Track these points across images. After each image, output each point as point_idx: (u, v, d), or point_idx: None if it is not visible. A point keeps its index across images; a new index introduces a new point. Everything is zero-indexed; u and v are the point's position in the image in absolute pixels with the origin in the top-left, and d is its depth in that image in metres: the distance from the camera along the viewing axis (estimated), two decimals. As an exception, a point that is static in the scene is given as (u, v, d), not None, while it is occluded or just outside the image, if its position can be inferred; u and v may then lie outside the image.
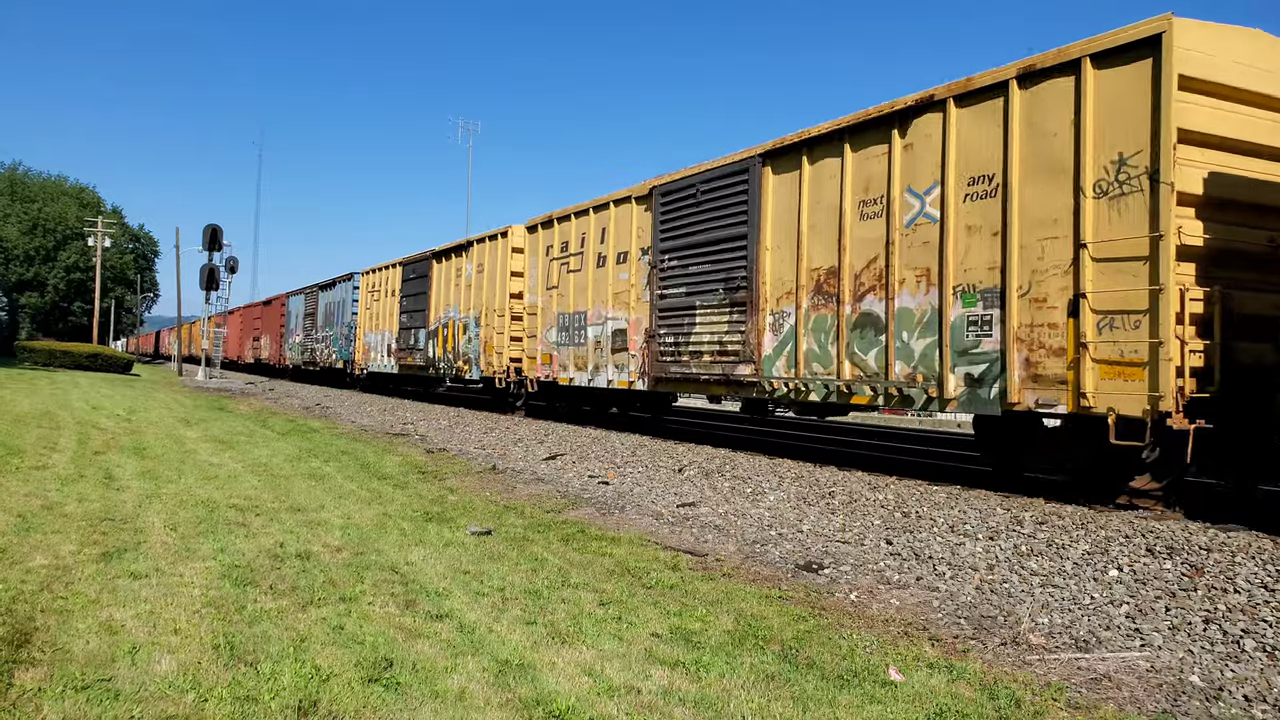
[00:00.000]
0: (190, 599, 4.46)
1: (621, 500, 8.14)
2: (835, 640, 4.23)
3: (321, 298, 31.09)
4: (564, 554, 5.89)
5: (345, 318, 27.61)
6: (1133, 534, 5.96)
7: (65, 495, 7.21)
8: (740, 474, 9.18)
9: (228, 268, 39.95)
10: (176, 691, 3.30)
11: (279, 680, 3.43)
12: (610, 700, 3.40)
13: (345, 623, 4.18)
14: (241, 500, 7.35)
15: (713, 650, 4.01)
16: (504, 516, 7.19)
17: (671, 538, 6.60)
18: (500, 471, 9.89)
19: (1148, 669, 3.94)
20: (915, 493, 7.85)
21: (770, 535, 6.67)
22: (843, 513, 7.27)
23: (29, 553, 5.25)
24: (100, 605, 4.30)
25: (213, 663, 3.60)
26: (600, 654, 3.91)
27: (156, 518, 6.48)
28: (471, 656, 3.81)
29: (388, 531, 6.38)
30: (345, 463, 10.21)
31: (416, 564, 5.42)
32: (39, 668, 3.48)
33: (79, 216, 60.22)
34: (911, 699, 3.51)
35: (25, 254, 60.80)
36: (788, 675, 3.73)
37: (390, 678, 3.52)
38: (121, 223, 67.95)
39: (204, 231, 36.01)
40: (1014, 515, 6.71)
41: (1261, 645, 4.09)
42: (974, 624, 4.60)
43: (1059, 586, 5.12)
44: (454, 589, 4.89)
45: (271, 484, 8.35)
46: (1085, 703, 3.55)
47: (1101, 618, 4.60)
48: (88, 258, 59.15)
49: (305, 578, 4.96)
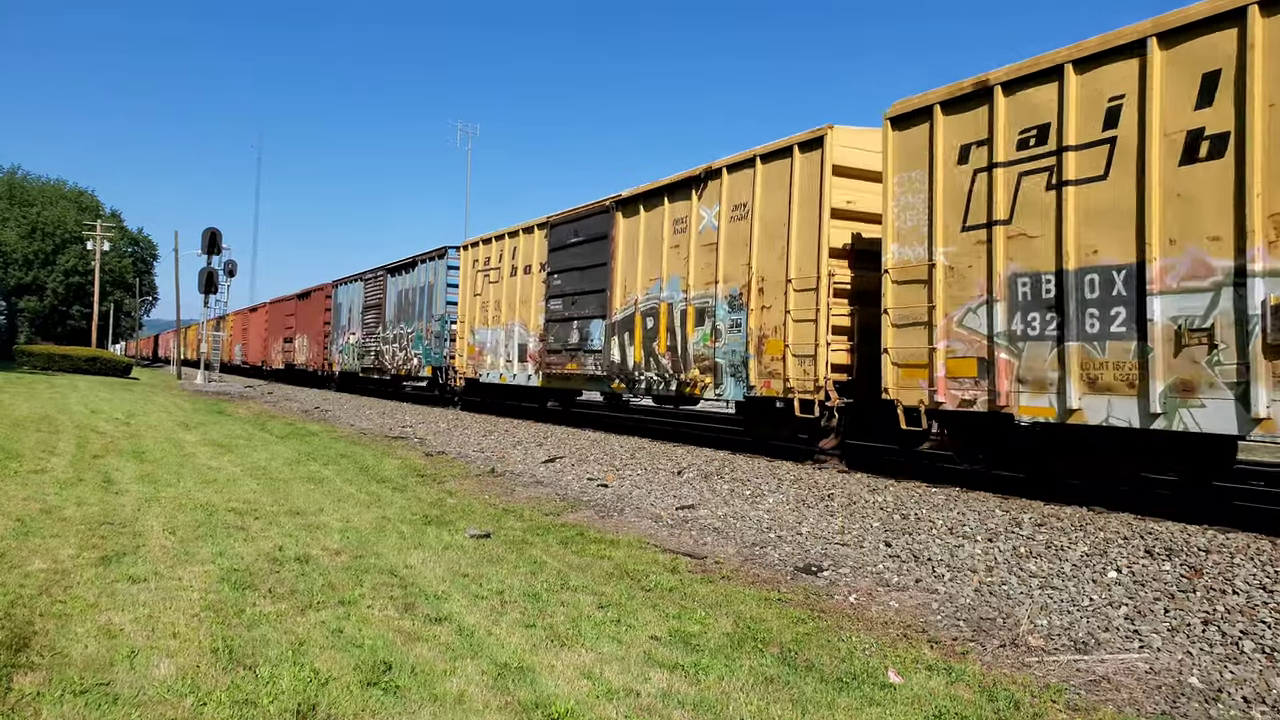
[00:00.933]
0: (189, 603, 4.45)
1: (621, 503, 8.14)
2: (834, 642, 4.23)
3: (393, 284, 24.08)
4: (563, 557, 5.89)
5: (435, 308, 20.86)
6: (1131, 535, 5.97)
7: (64, 499, 7.20)
8: (739, 476, 9.18)
9: (226, 271, 39.98)
10: (175, 695, 3.30)
11: (278, 684, 3.43)
12: (609, 703, 3.40)
13: (344, 626, 4.18)
14: (240, 504, 7.35)
15: (712, 653, 4.01)
16: (503, 519, 7.19)
17: (671, 540, 6.60)
18: (499, 474, 9.89)
19: (1146, 670, 3.94)
20: (914, 494, 7.85)
21: (769, 537, 6.67)
22: (842, 515, 7.27)
23: (27, 557, 5.24)
24: (99, 609, 4.29)
25: (211, 666, 3.59)
26: (599, 657, 3.91)
27: (155, 521, 6.47)
28: (470, 659, 3.81)
29: (387, 534, 6.38)
30: (344, 466, 10.21)
31: (415, 567, 5.42)
32: (37, 672, 3.48)
33: (78, 220, 60.19)
34: (910, 701, 3.51)
35: (24, 258, 60.76)
36: (787, 678, 3.73)
37: (389, 681, 3.52)
38: (120, 226, 67.94)
39: (203, 235, 36.01)
40: (1013, 517, 6.71)
41: (1260, 646, 4.09)
42: (973, 626, 4.60)
43: (1058, 588, 5.12)
44: (453, 592, 4.89)
45: (270, 487, 8.34)
46: (1084, 704, 3.55)
47: (1100, 619, 4.60)
48: (86, 261, 59.13)
49: (304, 581, 4.95)
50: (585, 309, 14.35)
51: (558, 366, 15.04)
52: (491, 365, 17.71)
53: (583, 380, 14.51)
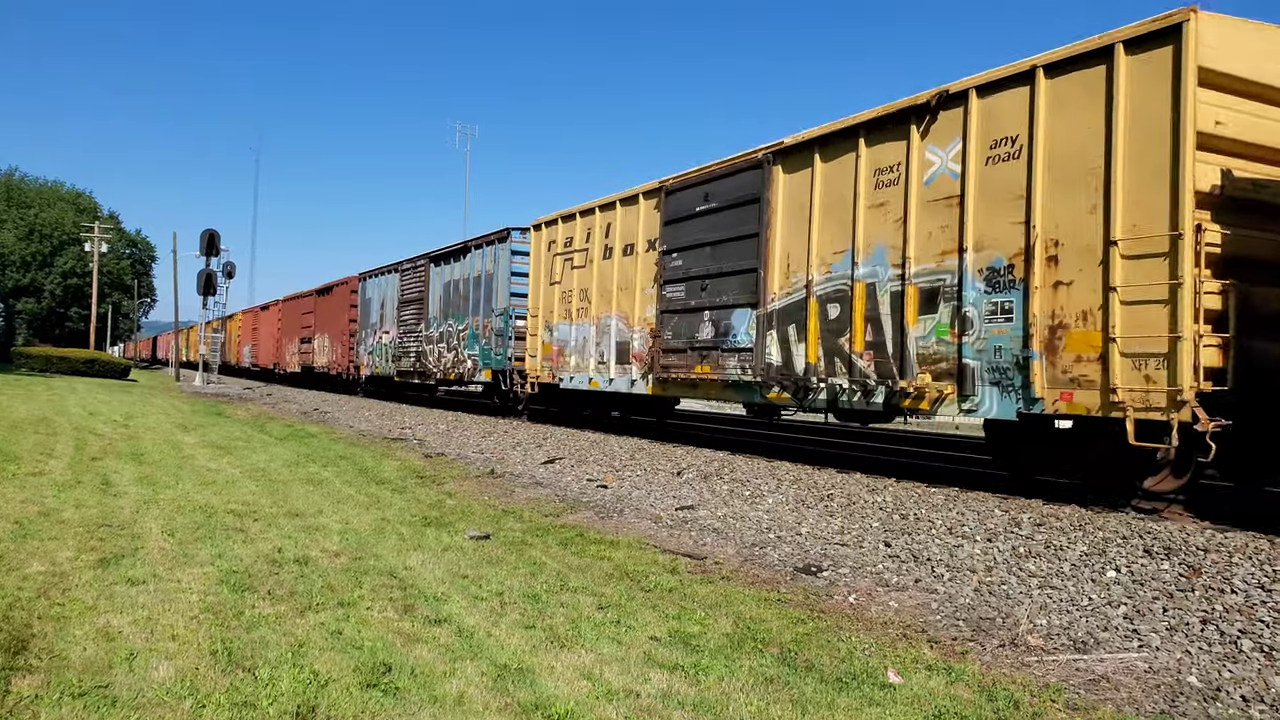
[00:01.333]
0: (188, 605, 4.45)
1: (620, 504, 8.14)
2: (834, 643, 4.23)
3: (438, 274, 20.99)
4: (562, 558, 5.89)
5: (495, 301, 17.70)
6: (1130, 535, 5.97)
7: (62, 501, 7.19)
8: (739, 477, 9.18)
9: (225, 273, 39.99)
10: (174, 698, 3.29)
11: (277, 686, 3.42)
12: (609, 704, 3.39)
13: (343, 628, 4.18)
14: (239, 505, 7.34)
15: (711, 653, 4.01)
16: (502, 520, 7.19)
17: (670, 541, 6.60)
18: (498, 476, 9.89)
19: (1145, 670, 3.95)
20: (913, 495, 7.86)
21: (769, 538, 6.67)
22: (841, 515, 7.28)
23: (26, 559, 5.23)
24: (97, 611, 4.29)
25: (210, 669, 3.59)
26: (599, 657, 3.91)
27: (154, 523, 6.47)
28: (470, 661, 3.81)
29: (386, 536, 6.37)
30: (343, 467, 10.20)
31: (415, 568, 5.42)
32: (36, 674, 3.47)
33: (76, 222, 60.14)
34: (910, 701, 3.51)
35: (22, 260, 60.70)
36: (786, 678, 3.73)
37: (389, 682, 3.51)
38: (118, 228, 67.92)
39: (201, 237, 35.98)
40: (1012, 517, 6.71)
41: (1259, 645, 4.09)
42: (972, 626, 4.60)
43: (1057, 588, 5.12)
44: (452, 593, 4.88)
45: (269, 489, 8.33)
46: (1083, 704, 3.55)
47: (1099, 619, 4.60)
48: (84, 263, 59.08)
49: (303, 583, 4.95)
50: (722, 295, 11.08)
51: (679, 370, 11.76)
52: (577, 367, 14.36)
53: (719, 388, 11.27)
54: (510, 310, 17.02)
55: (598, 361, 13.81)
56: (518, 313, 16.81)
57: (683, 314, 11.77)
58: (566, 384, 14.69)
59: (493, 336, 17.75)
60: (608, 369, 13.52)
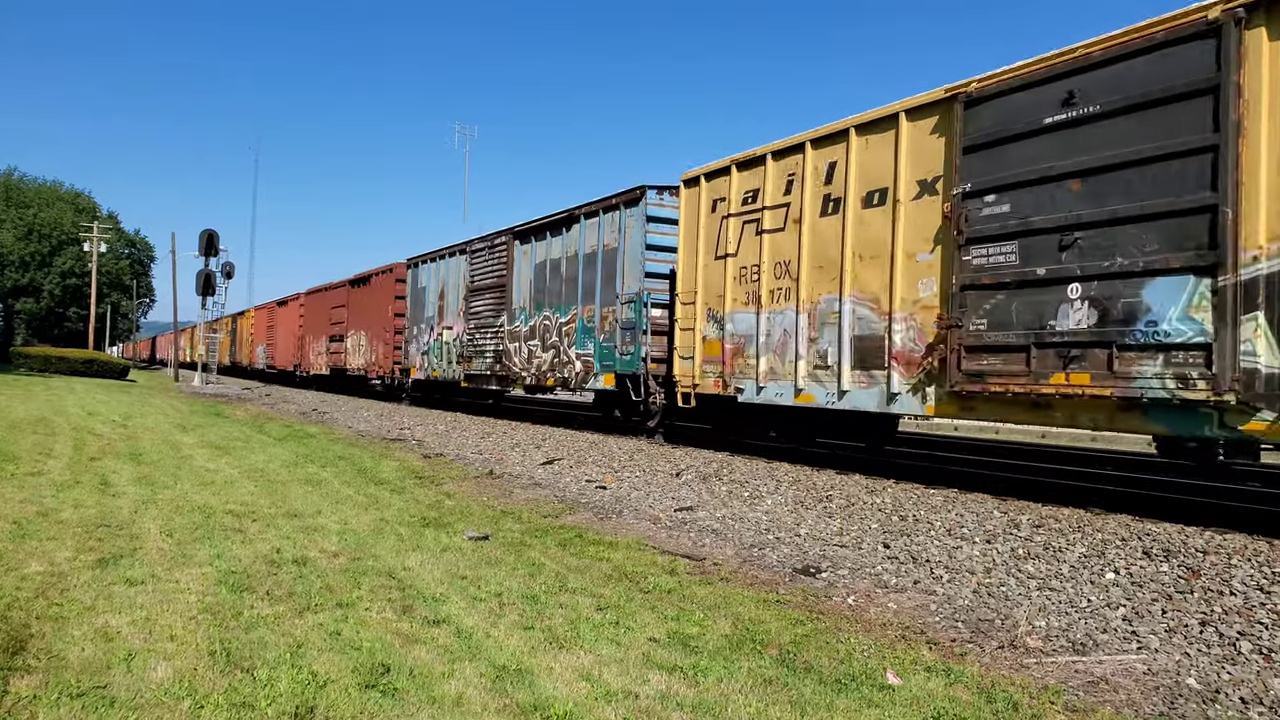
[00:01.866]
0: (186, 605, 4.44)
1: (619, 505, 8.14)
2: (833, 644, 4.23)
3: (524, 253, 16.82)
4: (561, 559, 5.88)
5: (622, 285, 13.50)
6: (1129, 537, 5.97)
7: (61, 501, 7.19)
8: (738, 478, 9.17)
9: (224, 273, 39.99)
10: (172, 698, 3.29)
11: (275, 686, 3.42)
12: (608, 705, 3.39)
13: (342, 628, 4.17)
14: (238, 506, 7.34)
15: (710, 654, 4.01)
16: (501, 521, 7.18)
17: (669, 542, 6.59)
18: (497, 477, 9.88)
19: (1144, 671, 3.95)
20: (912, 496, 7.85)
21: (768, 539, 6.67)
22: (840, 516, 7.28)
23: (24, 559, 5.23)
24: (96, 612, 4.28)
25: (209, 669, 3.58)
26: (598, 659, 3.91)
27: (152, 524, 6.46)
28: (469, 662, 3.81)
29: (385, 537, 6.37)
30: (342, 468, 10.19)
31: (413, 569, 5.42)
32: (34, 675, 3.47)
33: (75, 222, 60.14)
34: (909, 703, 3.51)
35: (20, 260, 60.67)
36: (785, 679, 3.73)
37: (387, 683, 3.51)
38: (117, 228, 67.92)
39: (200, 237, 36.01)
40: (1011, 518, 6.71)
41: (1258, 647, 4.09)
42: (971, 627, 4.60)
43: (1056, 589, 5.12)
44: (451, 594, 4.88)
45: (268, 489, 8.33)
46: (1082, 705, 3.55)
47: (1098, 620, 4.61)
48: (83, 263, 59.06)
49: (302, 583, 4.95)
50: (1117, 255, 6.72)
51: (1007, 379, 7.42)
52: (770, 375, 10.31)
53: (1109, 410, 6.82)
54: (643, 296, 12.97)
55: (814, 365, 9.67)
56: (653, 298, 12.98)
57: (1014, 290, 7.48)
58: (750, 396, 10.56)
59: (617, 331, 13.54)
60: (835, 376, 9.34)
